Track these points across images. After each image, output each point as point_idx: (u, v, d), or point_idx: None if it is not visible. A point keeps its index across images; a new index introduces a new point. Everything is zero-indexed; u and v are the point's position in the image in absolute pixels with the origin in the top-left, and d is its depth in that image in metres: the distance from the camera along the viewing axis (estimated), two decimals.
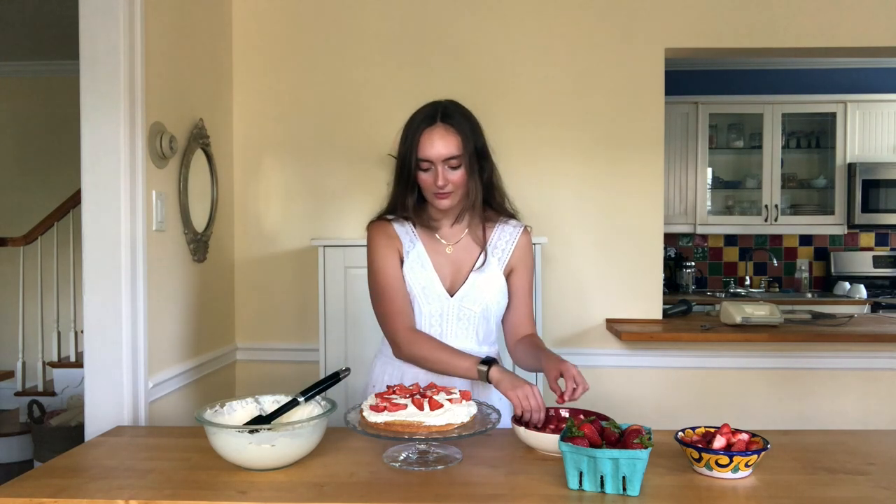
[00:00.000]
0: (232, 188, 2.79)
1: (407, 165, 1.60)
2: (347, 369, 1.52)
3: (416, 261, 1.66)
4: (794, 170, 4.92)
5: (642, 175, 2.79)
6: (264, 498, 1.22)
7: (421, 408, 1.34)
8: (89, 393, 1.92)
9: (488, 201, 1.69)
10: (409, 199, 1.64)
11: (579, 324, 2.81)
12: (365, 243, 1.72)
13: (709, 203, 4.80)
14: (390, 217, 1.70)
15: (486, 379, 1.51)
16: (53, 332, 4.17)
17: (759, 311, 2.68)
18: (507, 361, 1.80)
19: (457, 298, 1.65)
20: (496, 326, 1.72)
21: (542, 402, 1.48)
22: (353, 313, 2.50)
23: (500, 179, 1.70)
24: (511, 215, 1.73)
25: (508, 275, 1.71)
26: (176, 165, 2.24)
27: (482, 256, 1.67)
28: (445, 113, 1.60)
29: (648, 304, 2.81)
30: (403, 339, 1.62)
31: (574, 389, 1.48)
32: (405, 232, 1.69)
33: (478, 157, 1.62)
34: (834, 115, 4.70)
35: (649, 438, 1.25)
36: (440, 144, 1.56)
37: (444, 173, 1.57)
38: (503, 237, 1.70)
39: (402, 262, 1.66)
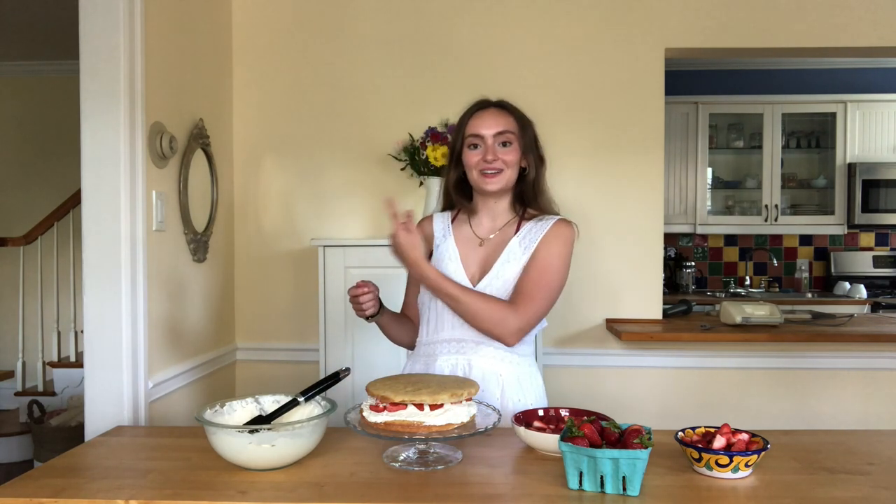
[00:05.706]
0: (232, 188, 2.79)
1: (455, 147, 1.67)
2: (347, 369, 1.52)
3: (445, 253, 1.70)
4: (794, 170, 4.91)
5: (642, 175, 2.79)
6: (264, 498, 1.22)
7: (421, 408, 1.33)
8: (89, 393, 1.92)
9: (534, 200, 1.70)
10: (451, 177, 1.70)
11: (579, 324, 2.81)
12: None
13: (709, 203, 4.80)
14: (437, 212, 1.77)
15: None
16: (53, 332, 4.17)
17: (759, 311, 2.68)
18: (514, 366, 1.78)
19: (479, 287, 1.65)
20: None
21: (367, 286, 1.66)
22: (353, 313, 2.49)
23: (546, 182, 1.73)
24: (554, 213, 1.73)
25: None
26: (176, 165, 2.24)
27: (509, 247, 1.67)
28: (500, 101, 1.68)
29: (648, 304, 2.81)
30: None
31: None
32: (441, 228, 1.75)
33: (532, 147, 1.67)
34: (834, 115, 4.70)
35: (649, 438, 1.25)
36: (491, 121, 1.63)
37: (494, 149, 1.62)
38: (534, 229, 1.68)
39: (429, 256, 1.70)
